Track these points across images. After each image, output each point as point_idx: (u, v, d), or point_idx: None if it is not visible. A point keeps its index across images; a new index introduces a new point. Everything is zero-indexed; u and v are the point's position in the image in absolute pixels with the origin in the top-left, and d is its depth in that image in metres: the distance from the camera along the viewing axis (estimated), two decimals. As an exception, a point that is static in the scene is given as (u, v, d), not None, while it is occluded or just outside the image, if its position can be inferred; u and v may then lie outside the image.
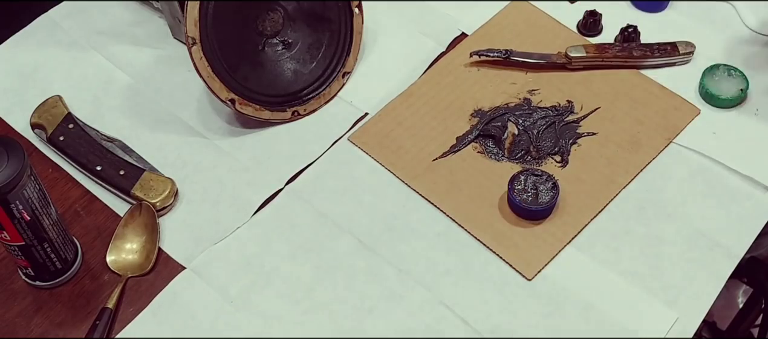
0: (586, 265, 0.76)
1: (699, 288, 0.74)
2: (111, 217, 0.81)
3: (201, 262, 0.77)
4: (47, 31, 0.98)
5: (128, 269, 0.77)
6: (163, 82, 0.92)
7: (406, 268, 0.76)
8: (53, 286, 0.76)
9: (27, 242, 0.71)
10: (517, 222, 0.78)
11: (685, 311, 0.72)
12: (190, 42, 0.80)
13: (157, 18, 0.98)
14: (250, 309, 0.74)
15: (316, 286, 0.75)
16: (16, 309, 0.75)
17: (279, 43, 0.88)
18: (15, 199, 0.67)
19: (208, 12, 0.81)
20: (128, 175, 0.82)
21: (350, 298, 0.74)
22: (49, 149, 0.86)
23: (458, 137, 0.85)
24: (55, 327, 0.74)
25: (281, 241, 0.78)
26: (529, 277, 0.75)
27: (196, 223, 0.80)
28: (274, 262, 0.77)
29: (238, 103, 0.84)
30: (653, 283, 0.74)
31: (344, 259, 0.77)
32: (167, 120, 0.88)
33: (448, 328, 0.72)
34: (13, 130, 0.89)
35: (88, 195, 0.83)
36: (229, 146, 0.86)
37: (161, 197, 0.80)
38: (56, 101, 0.88)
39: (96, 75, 0.93)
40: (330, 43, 0.90)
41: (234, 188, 0.82)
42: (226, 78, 0.83)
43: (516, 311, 0.73)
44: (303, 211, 0.80)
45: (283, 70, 0.88)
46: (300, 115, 0.88)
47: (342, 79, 0.91)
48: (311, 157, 0.85)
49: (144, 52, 0.95)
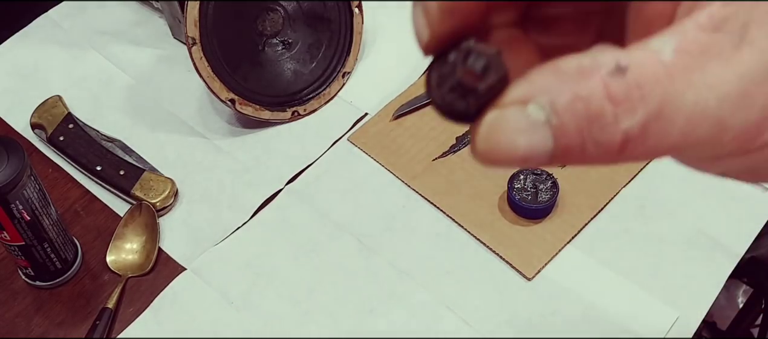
0: (586, 264, 0.76)
1: (699, 287, 0.74)
2: (111, 217, 0.81)
3: (201, 263, 0.77)
4: (47, 31, 0.98)
5: (128, 269, 0.77)
6: (163, 82, 0.92)
7: (406, 268, 0.76)
8: (53, 286, 0.76)
9: (27, 242, 0.71)
10: (517, 221, 0.78)
11: (686, 311, 0.72)
12: (190, 42, 0.80)
13: (157, 18, 0.98)
14: (251, 309, 0.74)
15: (317, 286, 0.75)
16: (16, 309, 0.75)
17: (279, 44, 0.88)
18: (15, 199, 0.67)
19: (208, 12, 0.81)
20: (128, 175, 0.82)
21: (350, 299, 0.74)
22: (49, 149, 0.86)
23: (458, 137, 0.85)
24: (55, 327, 0.74)
25: (281, 242, 0.78)
26: (529, 277, 0.75)
27: (196, 223, 0.80)
28: (274, 263, 0.77)
29: (238, 103, 0.84)
30: (653, 283, 0.74)
31: (344, 260, 0.77)
32: (167, 120, 0.88)
33: (449, 328, 0.72)
34: (13, 130, 0.89)
35: (88, 195, 0.83)
36: (229, 146, 0.86)
37: (161, 197, 0.80)
38: (56, 101, 0.88)
39: (96, 75, 0.93)
40: (330, 44, 0.90)
41: (234, 188, 0.82)
42: (226, 78, 0.83)
43: (516, 311, 0.73)
44: (303, 212, 0.80)
45: (283, 70, 0.88)
46: (300, 115, 0.88)
47: (342, 79, 0.91)
48: (311, 158, 0.85)
49: (144, 52, 0.95)
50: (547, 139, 0.20)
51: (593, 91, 0.20)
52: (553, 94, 0.20)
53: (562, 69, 0.21)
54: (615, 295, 0.74)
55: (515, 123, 0.20)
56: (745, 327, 1.24)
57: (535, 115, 0.20)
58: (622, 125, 0.20)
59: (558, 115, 0.20)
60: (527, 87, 0.21)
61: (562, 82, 0.20)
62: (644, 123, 0.20)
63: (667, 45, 0.21)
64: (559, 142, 0.20)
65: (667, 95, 0.20)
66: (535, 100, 0.20)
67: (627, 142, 0.20)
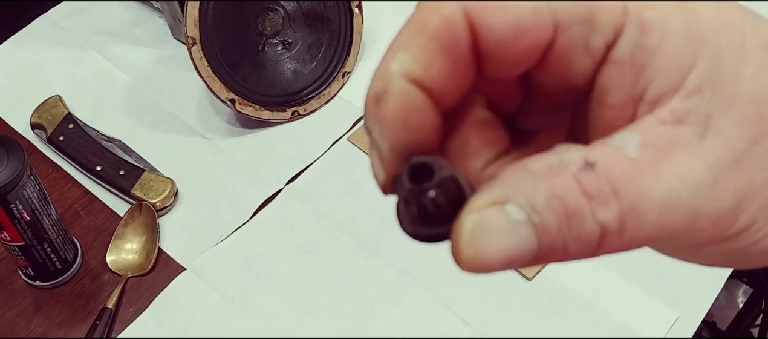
0: (586, 264, 0.76)
1: (699, 287, 0.74)
2: (111, 217, 0.81)
3: (201, 263, 0.77)
4: (47, 31, 0.98)
5: (128, 269, 0.77)
6: (163, 82, 0.92)
7: (407, 269, 0.76)
8: (53, 287, 0.76)
9: (27, 242, 0.71)
10: (517, 222, 0.78)
11: (686, 310, 0.72)
12: (190, 42, 0.80)
13: (157, 18, 0.98)
14: (251, 310, 0.74)
15: (317, 286, 0.75)
16: (16, 309, 0.75)
17: (279, 44, 0.88)
18: (15, 199, 0.67)
19: (208, 12, 0.81)
20: (128, 175, 0.82)
21: (350, 299, 0.74)
22: (49, 149, 0.86)
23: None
24: (54, 327, 0.74)
25: (281, 242, 0.78)
26: (529, 277, 0.75)
27: (196, 223, 0.80)
28: (274, 263, 0.77)
29: (238, 104, 0.84)
30: (653, 283, 0.74)
31: (344, 260, 0.77)
32: (167, 120, 0.88)
33: (449, 328, 0.72)
34: (13, 130, 0.89)
35: (88, 195, 0.83)
36: (229, 146, 0.86)
37: (161, 197, 0.80)
38: (56, 101, 0.88)
39: (96, 75, 0.93)
40: (330, 44, 0.90)
41: (234, 188, 0.82)
42: (226, 78, 0.83)
43: (516, 311, 0.73)
44: (303, 212, 0.80)
45: (283, 70, 0.88)
46: (300, 115, 0.88)
47: (342, 79, 0.91)
48: (311, 158, 0.85)
49: (144, 52, 0.95)
50: (531, 239, 0.20)
51: (568, 188, 0.20)
52: (529, 193, 0.20)
53: (533, 169, 0.20)
54: (615, 295, 0.73)
55: (498, 224, 0.20)
56: (745, 327, 1.24)
57: (515, 215, 0.20)
58: (599, 218, 0.20)
59: (538, 213, 0.20)
60: (501, 189, 0.20)
61: (535, 181, 0.20)
62: (620, 216, 0.20)
63: (631, 140, 0.21)
64: (543, 240, 0.20)
65: (639, 187, 0.20)
66: (512, 200, 0.20)
67: (604, 235, 0.20)
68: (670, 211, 0.20)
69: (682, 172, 0.21)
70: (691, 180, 0.21)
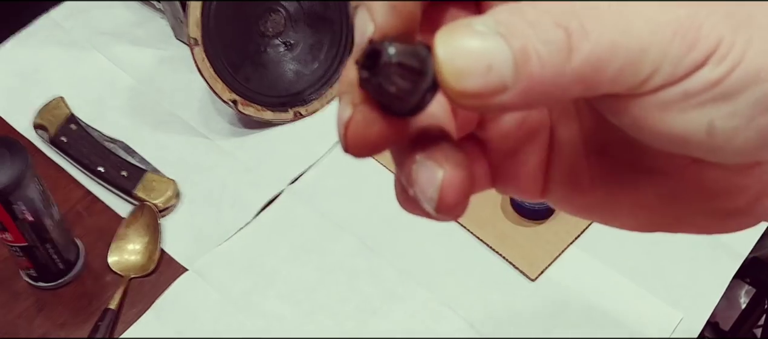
0: (590, 265, 0.75)
1: (703, 288, 0.73)
2: (113, 218, 0.81)
3: (204, 264, 0.77)
4: (49, 32, 0.98)
5: (131, 270, 0.77)
6: (165, 82, 0.92)
7: (409, 269, 0.76)
8: (55, 287, 0.76)
9: (29, 243, 0.71)
10: (520, 221, 0.78)
11: (690, 311, 0.72)
12: (193, 43, 0.80)
13: (159, 19, 0.98)
14: (253, 310, 0.74)
15: (319, 286, 0.75)
16: (19, 310, 0.75)
17: (281, 44, 0.88)
18: (18, 200, 0.67)
19: (210, 13, 0.81)
20: (130, 175, 0.82)
21: (352, 299, 0.74)
22: (51, 150, 0.86)
23: (461, 137, 0.85)
24: (57, 328, 0.74)
25: (283, 242, 0.78)
26: (533, 277, 0.75)
27: (198, 224, 0.80)
28: (276, 263, 0.77)
29: (240, 104, 0.84)
30: (657, 283, 0.74)
31: (346, 260, 0.77)
32: (169, 121, 0.88)
33: (451, 328, 0.72)
34: (15, 131, 0.89)
35: (90, 196, 0.83)
36: (231, 147, 0.86)
37: (163, 198, 0.80)
38: (59, 102, 0.88)
39: (98, 76, 0.93)
40: (331, 44, 0.90)
41: (236, 189, 0.82)
42: (228, 79, 0.83)
43: (519, 312, 0.73)
44: (305, 212, 0.80)
45: (285, 70, 0.88)
46: (302, 115, 0.88)
47: (344, 79, 0.91)
48: (313, 158, 0.85)
49: (146, 52, 0.95)
50: (502, 45, 0.20)
51: (525, 6, 0.21)
52: (491, 14, 0.21)
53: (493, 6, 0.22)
54: (619, 295, 0.73)
55: (468, 36, 0.21)
56: (748, 327, 1.24)
57: (481, 28, 0.21)
58: (560, 22, 0.21)
59: (502, 23, 0.21)
60: (465, 20, 0.21)
61: (495, 9, 0.21)
62: (580, 21, 0.21)
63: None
64: (513, 44, 0.20)
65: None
66: (477, 21, 0.21)
67: (571, 36, 0.20)
68: (631, 14, 0.21)
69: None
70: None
